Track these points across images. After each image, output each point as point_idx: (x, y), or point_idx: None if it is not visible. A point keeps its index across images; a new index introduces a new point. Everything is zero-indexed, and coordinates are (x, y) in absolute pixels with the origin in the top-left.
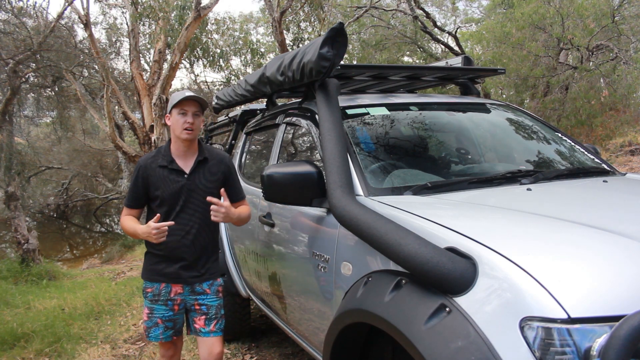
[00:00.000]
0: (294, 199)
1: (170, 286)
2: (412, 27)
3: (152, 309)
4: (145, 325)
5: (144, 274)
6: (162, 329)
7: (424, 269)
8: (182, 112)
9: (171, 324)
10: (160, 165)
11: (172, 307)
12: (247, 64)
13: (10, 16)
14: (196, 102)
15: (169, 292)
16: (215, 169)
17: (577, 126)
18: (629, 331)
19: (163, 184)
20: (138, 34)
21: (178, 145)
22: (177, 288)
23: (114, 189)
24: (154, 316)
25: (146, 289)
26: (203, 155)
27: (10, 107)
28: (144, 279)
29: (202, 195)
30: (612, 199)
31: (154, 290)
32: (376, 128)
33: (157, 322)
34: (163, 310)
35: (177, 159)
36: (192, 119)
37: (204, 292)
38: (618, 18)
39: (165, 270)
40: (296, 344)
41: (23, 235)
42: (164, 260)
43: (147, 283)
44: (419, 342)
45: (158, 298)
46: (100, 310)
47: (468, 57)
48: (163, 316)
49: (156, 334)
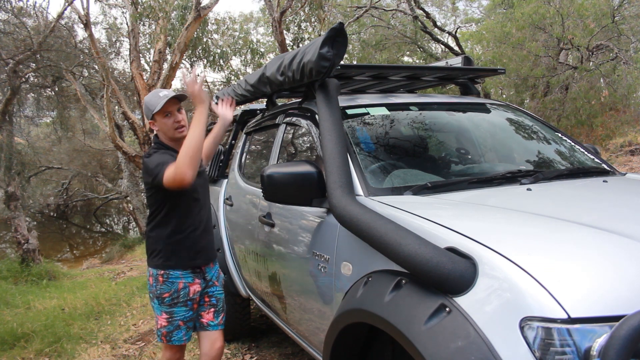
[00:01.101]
0: (294, 199)
1: (188, 286)
2: (412, 27)
3: (171, 312)
4: (166, 330)
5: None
6: (184, 331)
7: (424, 269)
8: (167, 114)
9: (192, 324)
10: (171, 154)
11: (191, 306)
12: (247, 64)
13: (10, 16)
14: (174, 99)
15: (187, 292)
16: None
17: (577, 126)
18: (629, 331)
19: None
20: (138, 34)
21: (176, 143)
22: (195, 286)
23: (114, 189)
24: (174, 319)
25: (162, 294)
26: None
27: (10, 107)
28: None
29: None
30: (612, 199)
31: (171, 294)
32: (376, 128)
33: (179, 325)
34: (184, 312)
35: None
36: (179, 117)
37: (213, 285)
38: (618, 18)
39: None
40: (296, 344)
41: (23, 235)
42: (187, 248)
43: (161, 288)
44: (419, 342)
45: (177, 300)
46: (100, 310)
47: (468, 57)
48: (184, 317)
49: (179, 336)
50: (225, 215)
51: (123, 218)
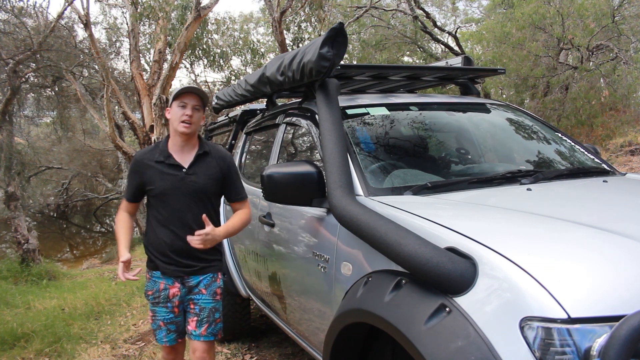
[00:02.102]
0: (294, 199)
1: (168, 288)
2: (412, 27)
3: (154, 311)
4: (152, 327)
5: (148, 264)
6: (165, 332)
7: (424, 269)
8: (182, 105)
9: (174, 327)
10: (157, 160)
11: (172, 309)
12: (247, 64)
13: (10, 16)
14: (197, 96)
15: (167, 294)
16: (214, 165)
17: (577, 126)
18: (629, 331)
19: (159, 179)
20: (138, 34)
21: (176, 140)
22: (174, 290)
23: (114, 189)
24: (156, 319)
25: (147, 291)
26: (203, 149)
27: (10, 107)
28: (148, 270)
29: (200, 190)
30: (612, 199)
31: (154, 293)
32: (376, 128)
33: (159, 325)
34: (164, 313)
35: (174, 154)
36: (190, 112)
37: (199, 292)
38: (618, 18)
39: (164, 265)
40: (296, 344)
41: (23, 235)
42: (161, 254)
43: (147, 285)
44: (419, 342)
45: (158, 300)
46: (100, 310)
47: (468, 57)
48: (164, 319)
49: (160, 336)
50: (225, 215)
51: None
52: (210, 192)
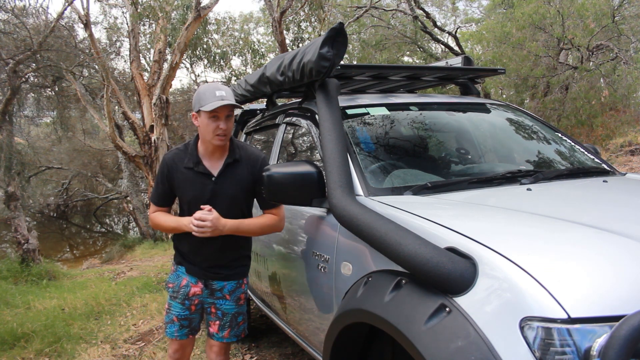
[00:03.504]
0: (294, 199)
1: (190, 286)
2: (412, 27)
3: (170, 304)
4: (165, 319)
5: (175, 257)
6: (177, 327)
7: (424, 269)
8: (214, 117)
9: (187, 323)
10: (186, 166)
11: (188, 306)
12: (247, 64)
13: (10, 16)
14: (229, 105)
15: (187, 292)
16: (245, 172)
17: (577, 126)
18: (629, 331)
19: (189, 186)
20: (138, 34)
21: (207, 145)
22: (196, 289)
23: (114, 189)
24: (171, 312)
25: (168, 283)
26: (233, 157)
27: (10, 107)
28: (174, 263)
29: (230, 198)
30: (612, 199)
31: (174, 287)
32: (376, 128)
33: (173, 319)
34: (179, 309)
35: (204, 160)
36: (224, 125)
37: (223, 297)
38: (618, 18)
39: (189, 265)
40: (296, 344)
41: (23, 235)
42: (189, 256)
43: (170, 277)
44: (419, 342)
45: (176, 295)
46: (100, 310)
47: (468, 57)
48: (179, 314)
49: (171, 330)
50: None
51: (123, 218)
52: (241, 200)
